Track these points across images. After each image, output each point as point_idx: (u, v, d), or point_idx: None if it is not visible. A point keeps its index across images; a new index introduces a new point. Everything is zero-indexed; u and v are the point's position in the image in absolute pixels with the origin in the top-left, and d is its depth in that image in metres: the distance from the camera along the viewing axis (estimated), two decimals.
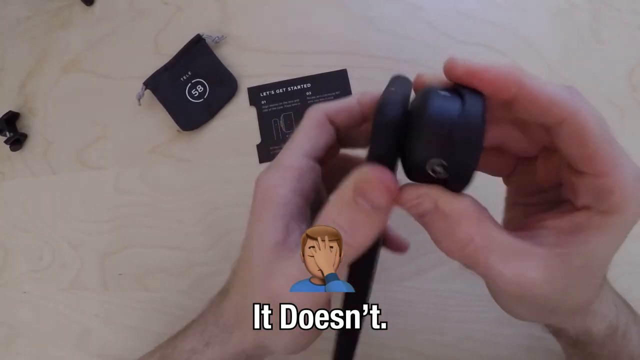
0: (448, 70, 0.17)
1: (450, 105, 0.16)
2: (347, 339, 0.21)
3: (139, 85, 0.43)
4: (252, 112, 0.43)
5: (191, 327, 0.25)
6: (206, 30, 0.44)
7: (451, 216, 0.17)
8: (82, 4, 0.49)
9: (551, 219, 0.18)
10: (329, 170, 0.25)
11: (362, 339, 0.38)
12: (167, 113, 0.43)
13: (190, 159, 0.43)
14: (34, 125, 0.48)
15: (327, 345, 0.21)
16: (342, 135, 0.24)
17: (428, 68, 0.41)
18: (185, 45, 0.44)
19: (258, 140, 0.42)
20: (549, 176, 0.20)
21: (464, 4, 0.42)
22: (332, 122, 0.23)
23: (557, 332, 0.25)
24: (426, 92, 0.17)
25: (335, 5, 0.44)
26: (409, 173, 0.17)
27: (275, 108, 0.43)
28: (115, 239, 0.43)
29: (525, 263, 0.16)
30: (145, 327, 0.40)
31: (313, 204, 0.23)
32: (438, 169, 0.16)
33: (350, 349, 0.22)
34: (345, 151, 0.26)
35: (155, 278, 0.41)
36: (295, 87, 0.43)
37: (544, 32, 0.40)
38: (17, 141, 0.47)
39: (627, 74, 0.39)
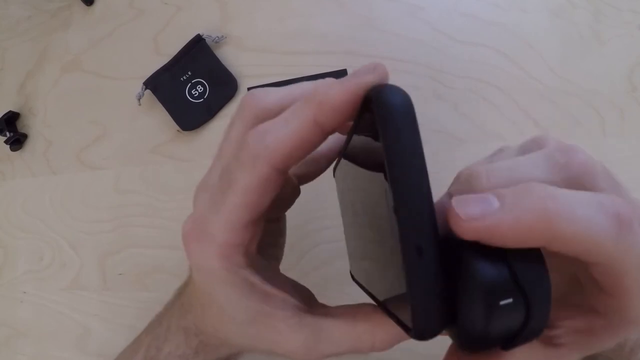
0: (455, 229, 0.13)
1: (506, 285, 0.13)
2: None
3: (139, 85, 0.43)
4: None
5: (169, 329, 0.25)
6: (206, 30, 0.44)
7: None
8: (82, 4, 0.49)
9: (567, 319, 0.17)
10: None
11: None
12: (167, 113, 0.43)
13: (190, 159, 0.43)
14: (34, 125, 0.48)
15: None
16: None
17: (428, 68, 0.41)
18: (185, 45, 0.44)
19: None
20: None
21: (464, 5, 0.42)
22: (284, 168, 0.16)
23: None
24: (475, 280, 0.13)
25: (335, 5, 0.44)
26: (463, 345, 0.15)
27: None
28: (115, 239, 0.43)
29: None
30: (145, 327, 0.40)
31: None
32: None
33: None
34: None
35: (155, 278, 0.41)
36: None
37: (544, 32, 0.40)
38: (17, 141, 0.47)
39: (627, 74, 0.39)
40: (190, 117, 0.43)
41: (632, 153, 0.37)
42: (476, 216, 0.13)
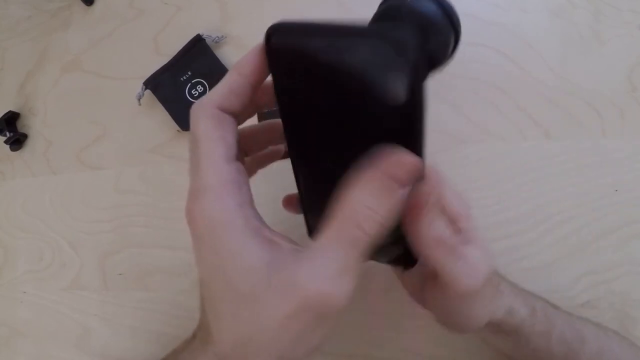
0: None
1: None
2: None
3: (139, 85, 0.43)
4: None
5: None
6: (206, 30, 0.44)
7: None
8: (82, 4, 0.49)
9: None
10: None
11: (362, 338, 0.38)
12: (167, 113, 0.43)
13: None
14: (34, 125, 0.48)
15: None
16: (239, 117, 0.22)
17: None
18: (185, 45, 0.44)
19: None
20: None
21: (464, 4, 0.42)
22: (226, 112, 0.20)
23: (497, 329, 0.27)
24: None
25: (335, 5, 0.44)
26: None
27: (275, 107, 0.43)
28: (115, 239, 0.43)
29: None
30: (145, 327, 0.40)
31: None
32: None
33: None
34: None
35: (155, 278, 0.41)
36: None
37: (544, 32, 0.40)
38: (17, 141, 0.47)
39: (627, 74, 0.39)
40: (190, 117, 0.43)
41: (632, 153, 0.37)
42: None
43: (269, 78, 0.21)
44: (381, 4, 0.21)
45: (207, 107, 0.20)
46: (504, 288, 0.27)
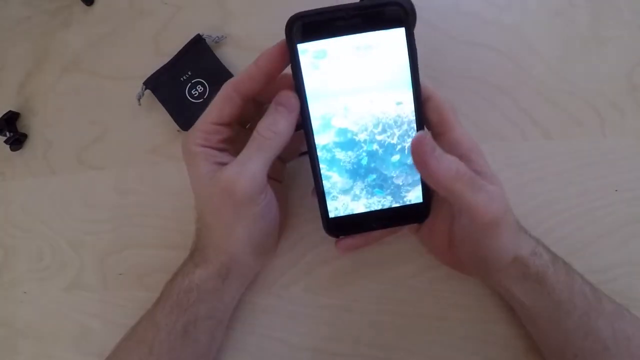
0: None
1: None
2: None
3: (139, 85, 0.43)
4: None
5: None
6: (206, 30, 0.44)
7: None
8: (82, 4, 0.49)
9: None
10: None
11: (362, 338, 0.38)
12: (167, 113, 0.43)
13: None
14: (34, 125, 0.48)
15: None
16: (257, 96, 0.30)
17: (428, 68, 0.41)
18: (185, 45, 0.44)
19: None
20: None
21: (464, 4, 0.42)
22: (239, 92, 0.28)
23: (524, 272, 0.29)
24: None
25: (335, 4, 0.44)
26: None
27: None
28: (115, 239, 0.43)
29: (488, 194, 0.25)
30: None
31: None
32: None
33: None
34: None
35: (155, 278, 0.41)
36: None
37: (544, 32, 0.40)
38: (17, 141, 0.47)
39: (627, 74, 0.39)
40: (190, 117, 0.43)
41: (632, 153, 0.37)
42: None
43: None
44: None
45: (225, 87, 0.29)
46: (525, 230, 0.30)
